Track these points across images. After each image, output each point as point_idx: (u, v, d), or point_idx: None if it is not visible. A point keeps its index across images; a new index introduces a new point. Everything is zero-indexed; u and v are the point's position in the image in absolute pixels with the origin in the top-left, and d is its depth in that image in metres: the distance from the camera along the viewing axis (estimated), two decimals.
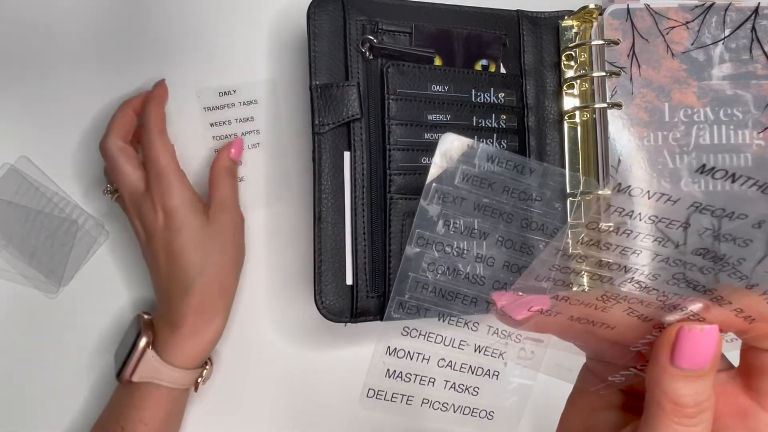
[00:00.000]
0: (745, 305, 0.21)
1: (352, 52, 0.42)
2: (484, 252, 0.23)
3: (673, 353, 0.21)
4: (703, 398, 0.22)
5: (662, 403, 0.22)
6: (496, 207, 0.23)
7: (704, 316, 0.22)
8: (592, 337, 0.24)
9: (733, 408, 0.23)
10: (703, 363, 0.21)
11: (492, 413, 0.25)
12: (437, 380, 0.25)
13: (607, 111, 0.43)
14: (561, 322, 0.23)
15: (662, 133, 0.43)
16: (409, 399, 0.25)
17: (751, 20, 0.43)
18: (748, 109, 0.43)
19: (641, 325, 0.23)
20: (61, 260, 0.46)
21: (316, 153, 0.41)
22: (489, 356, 0.25)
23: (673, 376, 0.21)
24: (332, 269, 0.41)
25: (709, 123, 0.43)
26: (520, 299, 0.23)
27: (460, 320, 0.24)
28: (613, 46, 0.43)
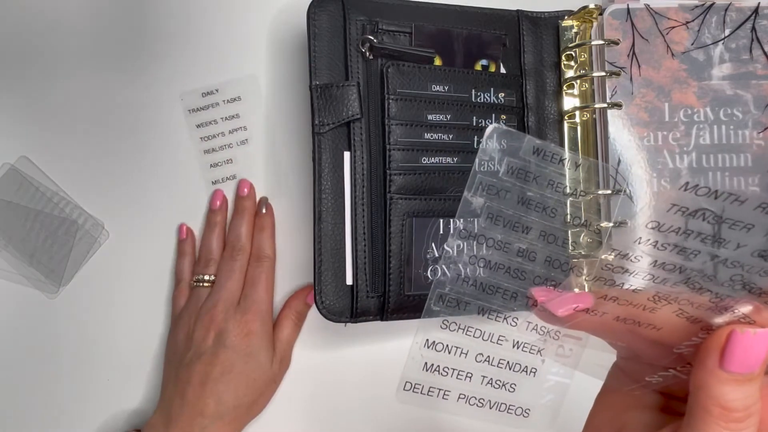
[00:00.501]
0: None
1: (352, 52, 0.42)
2: (526, 246, 0.23)
3: (722, 356, 0.21)
4: (752, 402, 0.21)
5: (709, 407, 0.21)
6: (540, 201, 0.23)
7: (755, 318, 0.21)
8: (634, 337, 0.24)
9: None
10: (753, 367, 0.21)
11: (528, 410, 0.25)
12: (474, 375, 0.24)
13: (607, 111, 0.43)
14: (605, 321, 0.23)
15: (662, 133, 0.43)
16: (446, 394, 0.24)
17: (751, 20, 0.43)
18: (748, 109, 0.43)
19: (688, 326, 0.22)
20: (61, 260, 0.46)
21: (316, 153, 0.41)
22: (527, 353, 0.24)
23: (722, 380, 0.21)
24: (332, 269, 0.41)
25: (709, 123, 0.43)
26: (562, 296, 0.23)
27: (500, 315, 0.24)
28: (613, 46, 0.43)
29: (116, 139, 0.47)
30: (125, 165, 0.47)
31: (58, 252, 0.46)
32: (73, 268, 0.46)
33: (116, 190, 0.47)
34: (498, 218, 0.23)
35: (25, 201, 0.46)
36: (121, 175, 0.47)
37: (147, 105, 0.47)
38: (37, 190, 0.46)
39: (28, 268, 0.45)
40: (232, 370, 0.41)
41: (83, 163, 0.46)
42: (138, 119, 0.47)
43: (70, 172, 0.46)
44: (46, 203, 0.46)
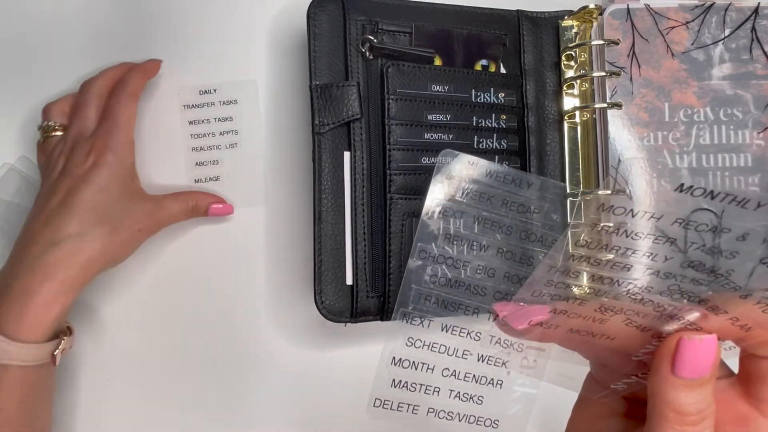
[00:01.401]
0: (740, 314, 0.22)
1: (352, 52, 0.42)
2: (485, 263, 0.24)
3: (673, 363, 0.22)
4: (705, 405, 0.22)
5: (664, 412, 0.22)
6: (496, 220, 0.24)
7: (701, 325, 0.22)
8: (594, 348, 0.24)
9: (733, 415, 0.23)
10: (703, 372, 0.22)
11: (497, 422, 0.25)
12: (442, 389, 0.25)
13: (607, 111, 0.43)
14: (561, 334, 0.24)
15: (662, 133, 0.43)
16: (415, 408, 0.25)
17: (751, 20, 0.43)
18: (748, 109, 0.43)
19: (640, 335, 0.23)
20: None
21: (316, 153, 0.41)
22: (492, 365, 0.25)
23: (675, 386, 0.22)
24: (332, 269, 0.41)
25: (709, 123, 0.43)
26: (521, 310, 0.23)
27: (463, 330, 0.24)
28: (613, 46, 0.43)
29: None
30: None
31: None
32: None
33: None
34: (456, 238, 0.24)
35: (25, 201, 0.45)
36: None
37: (145, 103, 0.47)
38: (37, 190, 0.46)
39: None
40: (73, 199, 0.39)
41: None
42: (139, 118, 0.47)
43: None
44: None
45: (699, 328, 0.22)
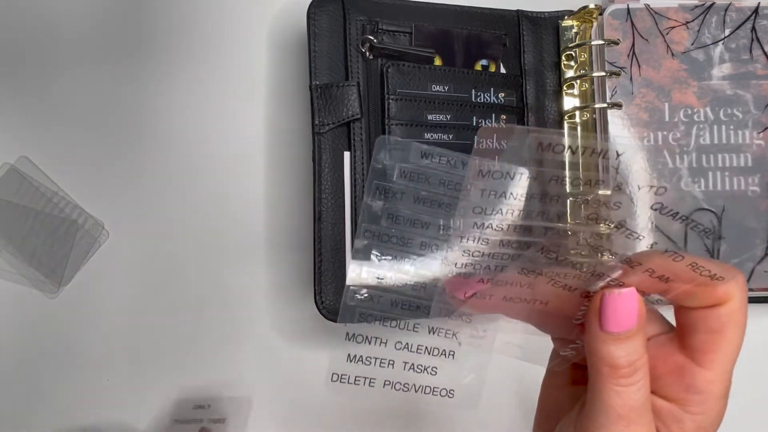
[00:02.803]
0: (654, 265, 0.23)
1: (352, 52, 0.42)
2: (427, 240, 0.25)
3: (600, 319, 0.23)
4: (635, 357, 0.23)
5: (599, 368, 0.23)
6: (435, 199, 0.25)
7: (623, 280, 0.23)
8: (536, 315, 0.25)
9: (671, 367, 0.24)
10: (628, 325, 0.23)
11: (452, 391, 0.26)
12: (396, 362, 0.26)
13: (607, 111, 0.43)
14: (498, 304, 0.25)
15: (662, 133, 0.43)
16: (371, 381, 0.26)
17: (751, 20, 0.43)
18: (748, 109, 0.43)
19: (571, 296, 0.24)
20: (61, 260, 0.46)
21: (316, 153, 0.41)
22: (443, 337, 0.26)
23: (605, 341, 0.23)
24: (332, 269, 0.41)
25: (709, 123, 0.43)
26: (462, 281, 0.24)
27: (413, 305, 0.26)
28: (613, 46, 0.43)
29: (116, 138, 0.47)
30: (125, 165, 0.47)
31: (58, 252, 0.46)
32: (73, 268, 0.46)
33: (116, 190, 0.47)
34: (398, 218, 0.25)
35: (25, 201, 0.46)
36: (122, 174, 0.47)
37: (148, 104, 0.47)
38: (37, 190, 0.46)
39: (28, 268, 0.45)
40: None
41: (83, 163, 0.46)
42: (139, 118, 0.47)
43: (70, 172, 0.46)
44: (46, 203, 0.46)
45: (622, 284, 0.23)
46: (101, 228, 0.46)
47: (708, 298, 0.23)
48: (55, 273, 0.46)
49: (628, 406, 0.23)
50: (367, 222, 0.25)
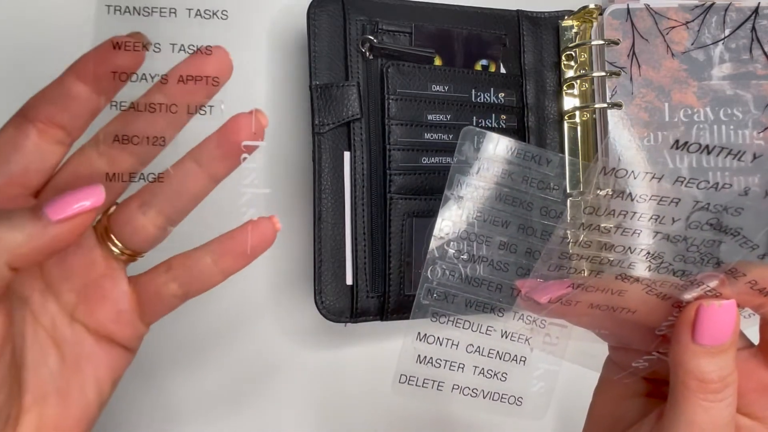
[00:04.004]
0: (758, 277, 0.22)
1: (352, 52, 0.42)
2: (507, 239, 0.24)
3: (694, 331, 0.22)
4: (727, 373, 0.22)
5: (687, 382, 0.22)
6: (516, 196, 0.24)
7: (721, 291, 0.22)
8: (615, 324, 0.24)
9: (756, 384, 0.23)
10: (723, 338, 0.22)
11: (521, 399, 0.25)
12: (466, 366, 0.25)
13: (607, 111, 0.43)
14: (582, 310, 0.24)
15: (662, 133, 0.43)
16: (440, 385, 0.25)
17: (751, 20, 0.43)
18: (748, 109, 0.43)
19: (662, 304, 0.23)
20: None
21: (316, 153, 0.41)
22: (515, 342, 0.25)
23: (696, 353, 0.22)
24: (332, 269, 0.41)
25: (709, 123, 0.43)
26: (542, 285, 0.24)
27: (486, 306, 0.25)
28: (613, 46, 0.43)
29: None
30: None
31: None
32: None
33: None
34: (477, 214, 0.24)
35: None
36: None
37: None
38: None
39: None
40: None
41: None
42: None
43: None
44: None
45: (718, 294, 0.22)
46: None
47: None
48: None
49: (714, 424, 0.22)
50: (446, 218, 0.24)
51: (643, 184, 0.22)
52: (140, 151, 0.27)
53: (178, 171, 0.28)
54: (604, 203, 0.23)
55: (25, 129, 0.25)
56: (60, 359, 0.27)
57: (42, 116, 0.26)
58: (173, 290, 0.28)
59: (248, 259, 0.29)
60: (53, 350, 0.27)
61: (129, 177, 0.27)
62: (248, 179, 0.26)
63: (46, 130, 0.26)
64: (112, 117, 0.27)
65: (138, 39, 0.26)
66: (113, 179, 0.26)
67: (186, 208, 0.29)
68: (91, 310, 0.28)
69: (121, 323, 0.28)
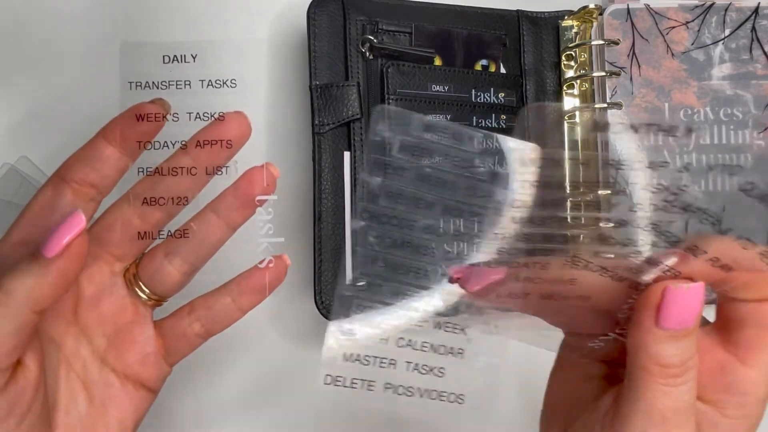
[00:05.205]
0: (720, 253, 0.21)
1: (352, 52, 0.42)
2: (432, 222, 0.22)
3: (658, 314, 0.21)
4: (688, 356, 0.21)
5: (647, 366, 0.21)
6: (439, 176, 0.22)
7: (680, 269, 0.21)
8: (569, 310, 0.23)
9: (711, 364, 0.22)
10: (689, 321, 0.21)
11: (462, 396, 0.23)
12: (398, 362, 0.23)
13: (607, 111, 0.43)
14: (534, 302, 0.22)
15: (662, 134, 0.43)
16: (370, 385, 0.23)
17: (751, 20, 0.43)
18: (748, 109, 0.43)
19: (618, 288, 0.22)
20: None
21: (315, 153, 0.41)
22: (451, 332, 0.23)
23: (659, 338, 0.21)
24: (332, 269, 0.41)
25: (709, 123, 0.43)
26: (475, 273, 0.22)
27: (416, 295, 0.23)
28: (613, 46, 0.43)
29: None
30: None
31: None
32: None
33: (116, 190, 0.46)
34: (399, 196, 0.22)
35: (25, 201, 0.45)
36: None
37: None
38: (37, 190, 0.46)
39: None
40: None
41: None
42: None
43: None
44: None
45: (677, 273, 0.21)
46: None
47: (764, 290, 0.22)
48: None
49: (674, 408, 0.21)
50: (365, 201, 0.22)
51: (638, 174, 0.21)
52: (166, 209, 0.30)
53: (200, 223, 0.31)
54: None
55: (62, 189, 0.29)
56: (88, 401, 0.28)
57: (76, 177, 0.29)
58: (197, 330, 0.31)
59: (265, 295, 0.31)
60: (83, 392, 0.28)
61: (158, 233, 0.30)
62: (263, 230, 0.26)
63: (80, 190, 0.29)
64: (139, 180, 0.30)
65: (160, 105, 0.29)
66: (144, 237, 0.29)
67: (208, 254, 0.32)
68: (121, 353, 0.30)
69: (147, 365, 0.30)
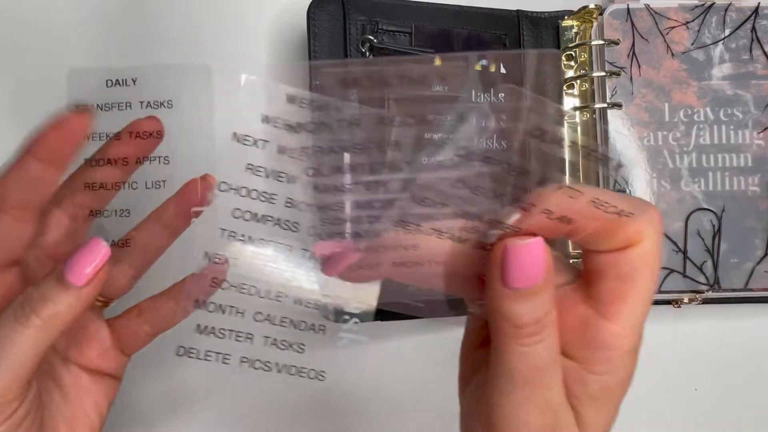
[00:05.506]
0: (551, 205, 0.20)
1: (352, 52, 0.42)
2: (294, 196, 0.21)
3: (503, 274, 0.20)
4: (542, 314, 0.20)
5: (502, 327, 0.20)
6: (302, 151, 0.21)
7: (521, 226, 0.20)
8: (432, 278, 0.22)
9: (574, 320, 0.22)
10: (534, 279, 0.20)
11: (323, 373, 0.23)
12: (256, 336, 0.22)
13: (607, 111, 0.43)
14: (386, 272, 0.22)
15: (662, 133, 0.43)
16: (225, 358, 0.22)
17: (751, 20, 0.43)
18: (748, 109, 0.43)
19: (468, 250, 0.21)
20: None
21: None
22: (311, 309, 0.22)
23: (508, 298, 0.20)
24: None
25: (709, 123, 0.43)
26: (333, 257, 0.21)
27: (276, 270, 0.22)
28: (613, 46, 0.43)
29: None
30: None
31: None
32: None
33: None
34: (258, 170, 0.21)
35: None
36: None
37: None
38: None
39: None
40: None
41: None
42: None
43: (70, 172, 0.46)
44: None
45: (518, 230, 0.20)
46: (101, 228, 0.46)
47: (617, 240, 0.21)
48: None
49: (534, 367, 0.20)
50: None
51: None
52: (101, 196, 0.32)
53: (142, 232, 0.33)
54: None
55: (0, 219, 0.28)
56: (63, 396, 0.31)
57: (13, 204, 0.29)
58: (147, 330, 0.34)
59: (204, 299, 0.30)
60: (56, 389, 0.31)
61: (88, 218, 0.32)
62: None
63: (19, 215, 0.29)
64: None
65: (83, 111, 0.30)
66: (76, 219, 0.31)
67: (151, 261, 0.34)
68: (81, 350, 0.32)
69: (106, 358, 0.33)
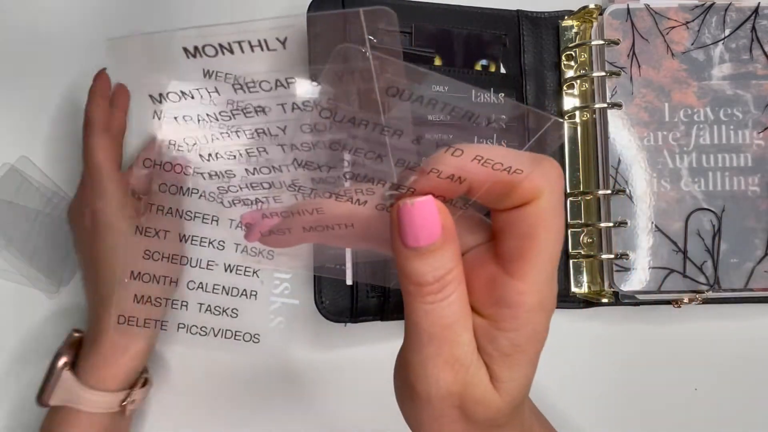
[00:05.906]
0: (439, 165, 0.20)
1: None
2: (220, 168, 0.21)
3: (400, 234, 0.20)
4: (443, 272, 0.20)
5: (406, 287, 0.21)
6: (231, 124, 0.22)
7: (415, 187, 0.20)
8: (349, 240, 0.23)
9: (483, 279, 0.22)
10: (431, 237, 0.20)
11: (257, 336, 0.23)
12: (190, 303, 0.23)
13: (607, 111, 0.43)
14: (298, 237, 0.22)
15: (662, 133, 0.43)
16: (164, 325, 0.24)
17: (751, 20, 0.43)
18: (748, 109, 0.43)
19: (372, 213, 0.21)
20: (61, 260, 0.46)
21: None
22: (242, 275, 0.23)
23: (408, 257, 0.20)
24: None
25: (709, 123, 0.43)
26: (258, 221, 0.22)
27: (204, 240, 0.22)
28: (613, 46, 0.43)
29: None
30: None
31: (58, 252, 0.46)
32: (73, 268, 0.46)
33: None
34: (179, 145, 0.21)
35: (25, 201, 0.46)
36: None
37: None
38: (37, 190, 0.46)
39: (28, 268, 0.45)
40: (95, 254, 0.39)
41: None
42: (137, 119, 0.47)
43: (70, 172, 0.46)
44: (46, 203, 0.46)
45: (413, 190, 0.20)
46: None
47: (513, 198, 0.20)
48: (55, 273, 0.46)
49: (440, 325, 0.20)
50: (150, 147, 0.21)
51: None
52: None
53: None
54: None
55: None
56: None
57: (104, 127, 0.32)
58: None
59: None
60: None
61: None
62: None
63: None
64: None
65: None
66: None
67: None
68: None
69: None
